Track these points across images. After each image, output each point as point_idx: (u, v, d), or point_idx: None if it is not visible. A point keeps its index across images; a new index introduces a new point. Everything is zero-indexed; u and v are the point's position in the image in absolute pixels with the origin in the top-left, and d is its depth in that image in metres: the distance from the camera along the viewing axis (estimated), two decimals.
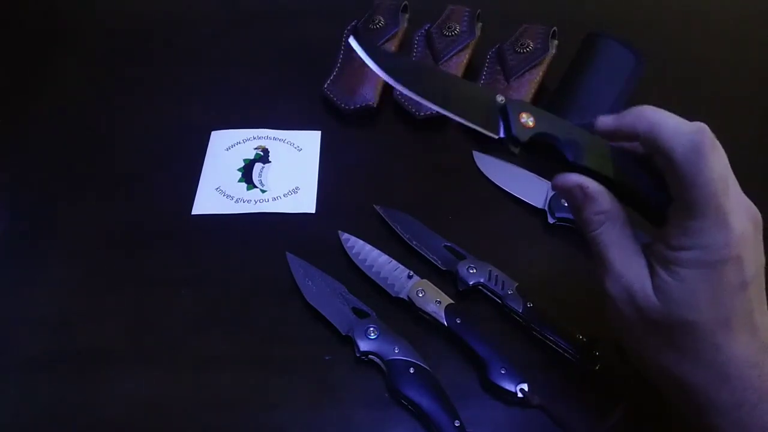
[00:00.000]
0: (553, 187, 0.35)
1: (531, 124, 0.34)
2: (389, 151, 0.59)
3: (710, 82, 0.65)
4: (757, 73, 0.66)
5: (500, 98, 0.35)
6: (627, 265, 0.33)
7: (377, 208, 0.53)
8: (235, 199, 0.55)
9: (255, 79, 0.66)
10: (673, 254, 0.31)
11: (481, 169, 0.57)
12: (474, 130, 0.35)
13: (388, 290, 0.47)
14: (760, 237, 0.32)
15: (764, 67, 0.67)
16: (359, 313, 0.46)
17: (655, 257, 0.33)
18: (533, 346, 0.45)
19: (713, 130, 0.33)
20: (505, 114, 0.34)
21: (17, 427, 0.43)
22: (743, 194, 0.32)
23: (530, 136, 0.34)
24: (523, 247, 0.52)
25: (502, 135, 0.35)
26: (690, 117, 0.34)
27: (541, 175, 0.55)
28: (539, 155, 0.35)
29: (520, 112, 0.34)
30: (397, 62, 0.36)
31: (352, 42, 0.35)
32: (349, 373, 0.44)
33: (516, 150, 0.34)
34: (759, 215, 0.32)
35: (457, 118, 0.34)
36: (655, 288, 0.32)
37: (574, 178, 0.34)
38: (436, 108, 0.34)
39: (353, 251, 0.50)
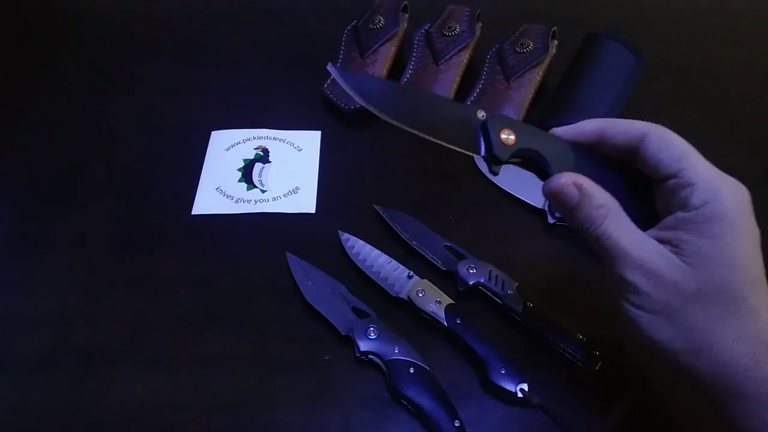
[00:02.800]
0: (545, 193, 0.34)
1: (512, 140, 0.34)
2: (389, 151, 0.59)
3: (710, 82, 0.65)
4: (757, 72, 0.66)
5: (481, 114, 0.35)
6: (643, 248, 0.32)
7: (377, 208, 0.53)
8: (235, 199, 0.55)
9: (255, 79, 0.66)
10: (694, 213, 0.30)
11: (481, 169, 0.57)
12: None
13: (388, 290, 0.47)
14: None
15: (765, 67, 0.67)
16: (359, 313, 0.46)
17: (673, 228, 0.32)
18: (533, 346, 0.45)
19: (714, 130, 0.33)
20: (486, 132, 0.34)
21: (17, 427, 0.43)
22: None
23: (511, 153, 0.34)
24: (523, 247, 0.52)
25: (483, 154, 0.35)
26: (690, 117, 0.34)
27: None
28: (523, 167, 0.35)
29: (500, 129, 0.34)
30: (374, 86, 0.36)
31: (330, 68, 0.35)
32: (349, 373, 0.44)
33: (497, 169, 0.34)
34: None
35: (438, 141, 0.34)
36: (683, 255, 0.31)
37: (568, 177, 0.33)
38: (415, 132, 0.35)
39: (353, 251, 0.50)
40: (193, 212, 0.54)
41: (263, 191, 0.56)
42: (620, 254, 0.32)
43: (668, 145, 0.32)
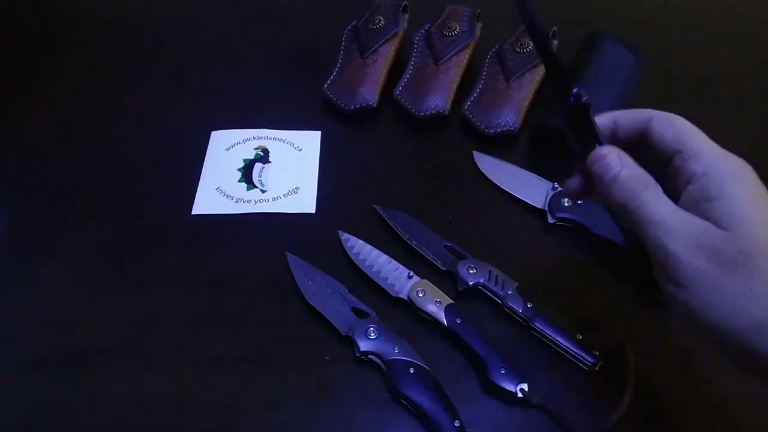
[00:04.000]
0: (589, 163, 0.34)
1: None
2: (389, 151, 0.59)
3: (710, 81, 0.65)
4: (757, 72, 0.66)
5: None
6: (681, 216, 0.31)
7: (377, 208, 0.53)
8: (235, 199, 0.55)
9: (255, 79, 0.66)
10: (703, 180, 0.31)
11: (481, 169, 0.57)
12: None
13: (388, 290, 0.47)
14: None
15: (765, 67, 0.67)
16: (359, 313, 0.46)
17: (692, 203, 0.31)
18: (533, 346, 0.45)
19: (713, 130, 0.33)
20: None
21: (17, 427, 0.43)
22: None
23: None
24: (523, 247, 0.52)
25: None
26: (690, 117, 0.34)
27: (541, 175, 0.55)
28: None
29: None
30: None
31: None
32: (349, 373, 0.44)
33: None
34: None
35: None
36: (716, 221, 0.30)
37: (611, 147, 0.33)
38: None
39: (353, 251, 0.50)
40: (193, 212, 0.54)
41: (263, 191, 0.56)
42: (660, 224, 0.31)
43: (672, 124, 0.33)
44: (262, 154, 0.59)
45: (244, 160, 0.58)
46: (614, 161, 0.33)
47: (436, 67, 0.61)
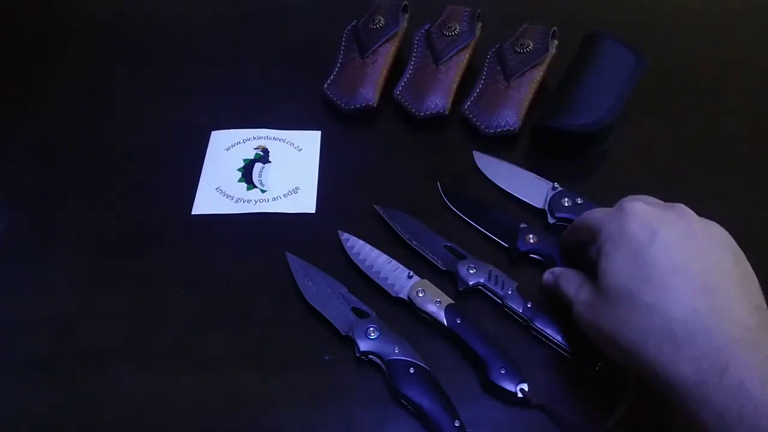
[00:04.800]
0: (543, 282, 0.46)
1: (533, 241, 0.49)
2: (389, 151, 0.59)
3: (710, 81, 0.65)
4: (757, 72, 0.66)
5: (522, 225, 0.50)
6: (581, 289, 0.41)
7: (377, 208, 0.53)
8: (235, 199, 0.55)
9: (255, 79, 0.66)
10: (596, 249, 0.40)
11: (481, 169, 0.57)
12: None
13: (388, 290, 0.47)
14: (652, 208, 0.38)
15: (765, 67, 0.67)
16: (359, 313, 0.46)
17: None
18: (533, 346, 0.45)
19: (712, 130, 0.34)
20: (518, 232, 0.50)
21: (17, 427, 0.43)
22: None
23: (528, 249, 0.49)
24: None
25: (508, 246, 0.50)
26: (690, 117, 0.34)
27: (541, 175, 0.55)
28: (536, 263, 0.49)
29: (528, 234, 0.49)
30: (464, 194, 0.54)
31: None
32: (349, 373, 0.44)
33: (515, 255, 0.49)
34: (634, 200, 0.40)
35: (486, 231, 0.51)
36: (599, 273, 0.39)
37: (548, 273, 0.46)
38: (473, 223, 0.52)
39: (353, 251, 0.50)
40: (193, 212, 0.54)
41: (263, 191, 0.56)
42: (572, 303, 0.42)
43: (583, 222, 0.44)
44: (262, 154, 0.59)
45: (244, 160, 0.58)
46: (548, 278, 0.46)
47: (436, 67, 0.61)
